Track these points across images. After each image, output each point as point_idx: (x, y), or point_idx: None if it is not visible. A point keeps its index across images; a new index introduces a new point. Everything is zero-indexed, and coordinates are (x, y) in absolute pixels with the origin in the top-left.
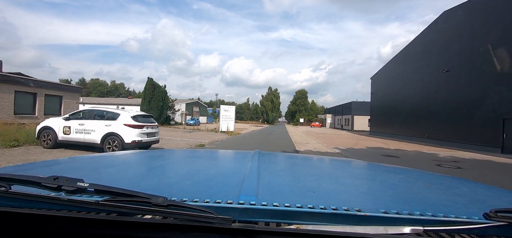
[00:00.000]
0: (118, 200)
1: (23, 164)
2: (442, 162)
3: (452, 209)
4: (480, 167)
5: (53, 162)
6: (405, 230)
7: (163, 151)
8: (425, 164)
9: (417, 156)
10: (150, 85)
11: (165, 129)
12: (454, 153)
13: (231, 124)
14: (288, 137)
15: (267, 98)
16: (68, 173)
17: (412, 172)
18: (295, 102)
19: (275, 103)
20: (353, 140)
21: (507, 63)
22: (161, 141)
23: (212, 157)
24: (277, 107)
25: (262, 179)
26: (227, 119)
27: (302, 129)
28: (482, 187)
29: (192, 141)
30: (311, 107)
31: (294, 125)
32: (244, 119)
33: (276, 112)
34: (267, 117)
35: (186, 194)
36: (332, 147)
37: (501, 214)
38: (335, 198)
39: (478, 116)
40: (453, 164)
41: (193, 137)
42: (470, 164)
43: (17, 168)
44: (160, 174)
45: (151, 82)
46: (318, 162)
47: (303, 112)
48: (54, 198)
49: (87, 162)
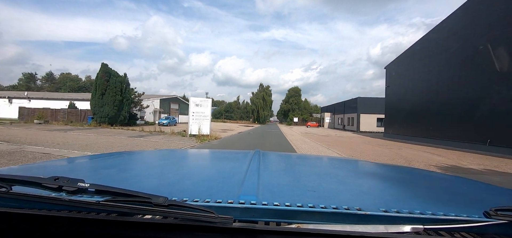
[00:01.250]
0: (119, 200)
1: (24, 165)
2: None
3: (452, 207)
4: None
5: (53, 163)
6: (405, 229)
7: (163, 151)
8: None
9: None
10: (103, 73)
11: (113, 132)
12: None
13: (205, 125)
14: (286, 141)
15: (258, 96)
16: (69, 173)
17: (412, 171)
18: (288, 100)
19: (267, 101)
20: (377, 147)
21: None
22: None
23: (213, 157)
24: (269, 106)
25: (262, 179)
26: (200, 118)
27: (298, 130)
28: (482, 186)
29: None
30: (304, 105)
31: (287, 125)
32: (234, 119)
33: (268, 111)
34: (258, 116)
35: (186, 194)
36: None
37: (501, 212)
38: (336, 197)
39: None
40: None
41: (139, 146)
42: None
43: (18, 169)
44: (160, 174)
45: (104, 68)
46: (318, 161)
47: (296, 111)
48: (55, 199)
49: (87, 162)
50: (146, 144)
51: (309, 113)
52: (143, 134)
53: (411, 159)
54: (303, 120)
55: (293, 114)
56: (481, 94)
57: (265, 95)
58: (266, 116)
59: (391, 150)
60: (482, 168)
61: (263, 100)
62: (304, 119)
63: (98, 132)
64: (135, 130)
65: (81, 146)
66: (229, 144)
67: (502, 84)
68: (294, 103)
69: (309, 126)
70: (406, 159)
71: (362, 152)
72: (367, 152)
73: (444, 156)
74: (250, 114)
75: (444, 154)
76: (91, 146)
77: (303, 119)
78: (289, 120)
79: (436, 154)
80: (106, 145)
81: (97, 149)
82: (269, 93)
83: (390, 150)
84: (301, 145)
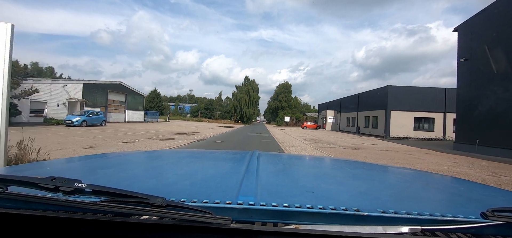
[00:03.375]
0: (116, 201)
1: (20, 165)
2: None
3: (449, 208)
4: None
5: (50, 163)
6: (403, 230)
7: (161, 152)
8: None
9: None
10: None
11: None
12: None
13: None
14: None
15: (242, 90)
16: (66, 173)
17: (410, 172)
18: (276, 97)
19: (253, 97)
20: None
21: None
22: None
23: (211, 157)
24: (255, 102)
25: (260, 179)
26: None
27: (295, 133)
28: (479, 187)
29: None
30: (294, 103)
31: (277, 125)
32: (215, 118)
33: (253, 109)
34: (242, 114)
35: (184, 195)
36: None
37: (498, 213)
38: (334, 198)
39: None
40: None
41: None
42: None
43: (14, 169)
44: (158, 175)
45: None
46: (317, 162)
47: (286, 110)
48: (51, 199)
49: (85, 162)
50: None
51: (301, 112)
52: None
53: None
54: (295, 119)
55: (283, 113)
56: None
57: (251, 90)
58: (252, 115)
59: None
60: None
61: (248, 95)
62: (297, 118)
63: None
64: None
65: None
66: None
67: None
68: (284, 100)
69: (306, 127)
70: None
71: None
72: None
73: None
74: (232, 112)
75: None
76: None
77: (296, 119)
78: (279, 120)
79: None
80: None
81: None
82: (255, 87)
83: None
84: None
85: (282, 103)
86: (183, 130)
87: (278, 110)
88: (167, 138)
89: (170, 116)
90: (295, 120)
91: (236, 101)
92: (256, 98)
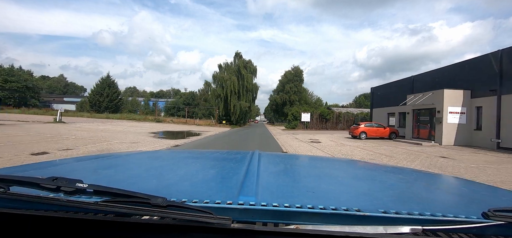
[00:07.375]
0: (117, 201)
1: (22, 165)
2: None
3: (450, 208)
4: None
5: (52, 163)
6: (404, 230)
7: (162, 152)
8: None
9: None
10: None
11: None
12: None
13: None
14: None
15: (230, 70)
16: (67, 174)
17: (411, 172)
18: (282, 88)
19: (247, 81)
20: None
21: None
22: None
23: (211, 157)
24: (251, 91)
25: (261, 180)
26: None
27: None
28: (480, 187)
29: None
30: (305, 97)
31: (287, 128)
32: (198, 116)
33: (247, 100)
34: (228, 110)
35: (185, 195)
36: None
37: (499, 213)
38: (335, 198)
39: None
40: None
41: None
42: None
43: (16, 169)
44: (159, 175)
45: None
46: (318, 162)
47: (297, 104)
48: (53, 199)
49: (86, 163)
50: None
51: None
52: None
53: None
54: (321, 118)
55: (294, 109)
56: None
57: (243, 69)
58: (246, 112)
59: None
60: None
61: (238, 77)
62: (323, 116)
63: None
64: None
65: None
66: None
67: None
68: (292, 92)
69: (360, 134)
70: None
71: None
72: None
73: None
74: (213, 106)
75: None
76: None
77: (322, 117)
78: (290, 119)
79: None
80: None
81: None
82: (251, 69)
83: None
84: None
85: (290, 96)
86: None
87: (284, 105)
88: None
89: (91, 114)
90: (321, 119)
91: (219, 88)
92: (251, 84)
